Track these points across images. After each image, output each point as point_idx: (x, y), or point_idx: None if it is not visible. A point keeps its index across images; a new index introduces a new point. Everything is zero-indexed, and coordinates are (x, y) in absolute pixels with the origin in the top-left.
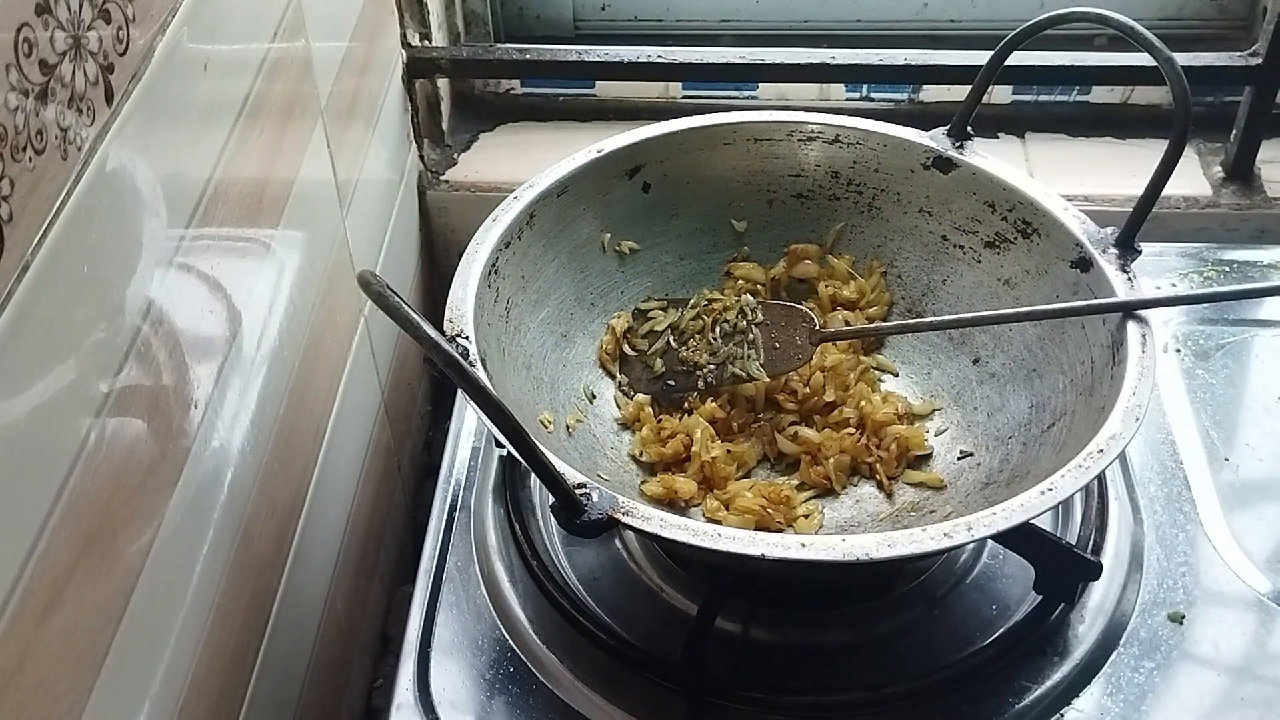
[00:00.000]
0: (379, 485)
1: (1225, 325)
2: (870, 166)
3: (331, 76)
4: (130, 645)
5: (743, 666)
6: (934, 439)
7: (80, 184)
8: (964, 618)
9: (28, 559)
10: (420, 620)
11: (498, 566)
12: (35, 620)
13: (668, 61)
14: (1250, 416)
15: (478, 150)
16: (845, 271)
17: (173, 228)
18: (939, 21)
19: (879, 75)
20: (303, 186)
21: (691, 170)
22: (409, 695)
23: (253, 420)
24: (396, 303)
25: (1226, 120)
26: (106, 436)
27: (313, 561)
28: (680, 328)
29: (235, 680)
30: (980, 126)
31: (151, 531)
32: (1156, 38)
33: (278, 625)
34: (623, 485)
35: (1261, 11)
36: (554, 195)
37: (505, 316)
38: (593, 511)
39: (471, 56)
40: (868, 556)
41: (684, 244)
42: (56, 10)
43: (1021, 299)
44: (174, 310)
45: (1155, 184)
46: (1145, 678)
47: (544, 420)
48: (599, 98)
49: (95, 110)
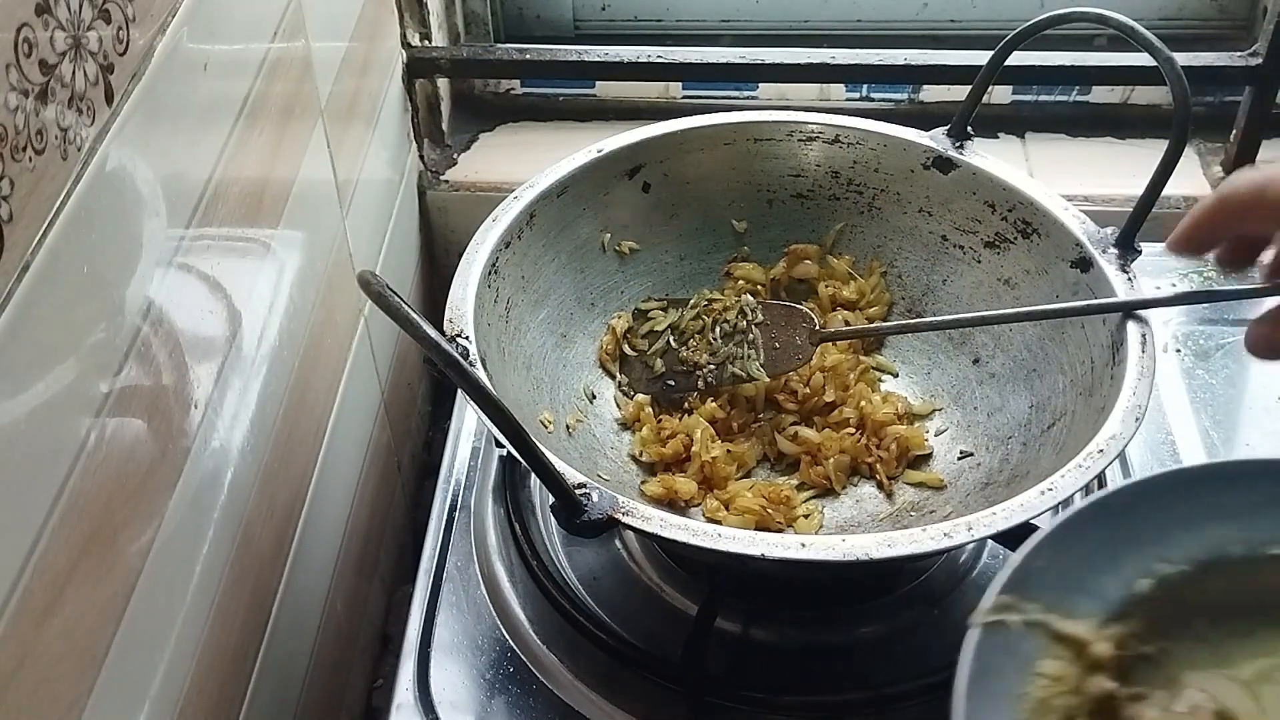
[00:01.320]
0: (379, 485)
1: (1225, 325)
2: (870, 166)
3: (331, 76)
4: (130, 645)
5: (743, 666)
6: (934, 439)
7: (80, 184)
8: (964, 618)
9: (28, 559)
10: (420, 620)
11: (498, 566)
12: (35, 620)
13: (668, 61)
14: (1250, 416)
15: (478, 150)
16: (845, 272)
17: (173, 228)
18: (939, 21)
19: (879, 75)
20: (303, 186)
21: (691, 170)
22: (409, 695)
23: (253, 420)
24: (396, 303)
25: (1226, 120)
26: (106, 436)
27: (313, 561)
28: (680, 328)
29: (235, 680)
30: (980, 126)
31: (151, 531)
32: (1156, 38)
33: (278, 625)
34: (623, 485)
35: (1261, 11)
36: (554, 195)
37: (505, 316)
38: (593, 511)
39: (471, 56)
40: (868, 556)
41: (684, 244)
42: (56, 10)
43: (1021, 299)
44: (174, 310)
45: (1155, 184)
46: None
47: (544, 420)
48: (599, 98)
49: (95, 110)
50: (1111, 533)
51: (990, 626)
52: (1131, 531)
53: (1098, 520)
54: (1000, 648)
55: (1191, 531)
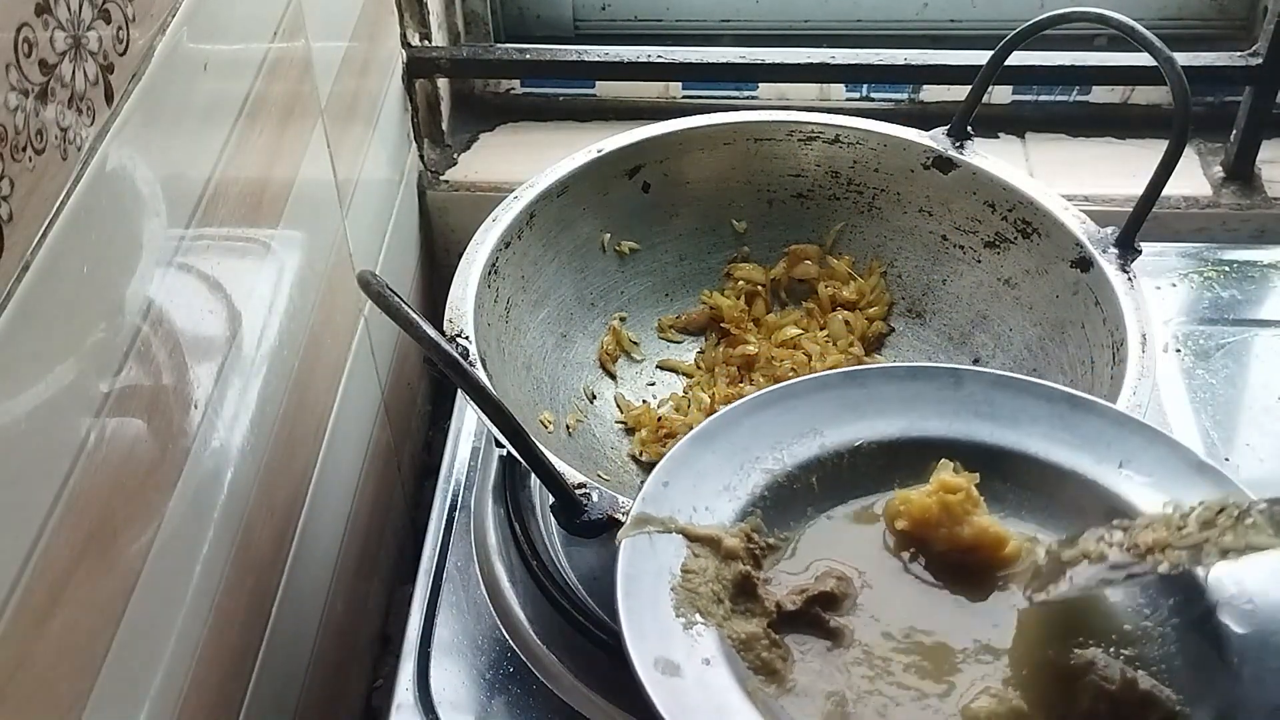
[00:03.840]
0: (379, 485)
1: (1225, 325)
2: (870, 166)
3: (331, 76)
4: (130, 645)
5: None
6: None
7: (80, 184)
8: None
9: (28, 559)
10: (420, 620)
11: (498, 566)
12: (35, 620)
13: (668, 61)
14: (1250, 416)
15: (478, 150)
16: (845, 272)
17: (173, 228)
18: (939, 21)
19: (879, 75)
20: (302, 186)
21: (691, 170)
22: (409, 695)
23: (253, 420)
24: (396, 303)
25: (1226, 120)
26: (106, 436)
27: (313, 561)
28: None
29: (235, 680)
30: (980, 126)
31: (151, 531)
32: (1156, 37)
33: (278, 625)
34: (623, 485)
35: (1262, 11)
36: (554, 195)
37: (505, 316)
38: (593, 511)
39: (471, 56)
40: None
41: (684, 244)
42: (56, 10)
43: (1021, 299)
44: (174, 310)
45: (1155, 184)
46: None
47: (544, 420)
48: (599, 98)
49: (95, 110)
50: (723, 449)
51: (634, 540)
52: (739, 446)
53: (705, 442)
54: (647, 556)
55: (790, 441)
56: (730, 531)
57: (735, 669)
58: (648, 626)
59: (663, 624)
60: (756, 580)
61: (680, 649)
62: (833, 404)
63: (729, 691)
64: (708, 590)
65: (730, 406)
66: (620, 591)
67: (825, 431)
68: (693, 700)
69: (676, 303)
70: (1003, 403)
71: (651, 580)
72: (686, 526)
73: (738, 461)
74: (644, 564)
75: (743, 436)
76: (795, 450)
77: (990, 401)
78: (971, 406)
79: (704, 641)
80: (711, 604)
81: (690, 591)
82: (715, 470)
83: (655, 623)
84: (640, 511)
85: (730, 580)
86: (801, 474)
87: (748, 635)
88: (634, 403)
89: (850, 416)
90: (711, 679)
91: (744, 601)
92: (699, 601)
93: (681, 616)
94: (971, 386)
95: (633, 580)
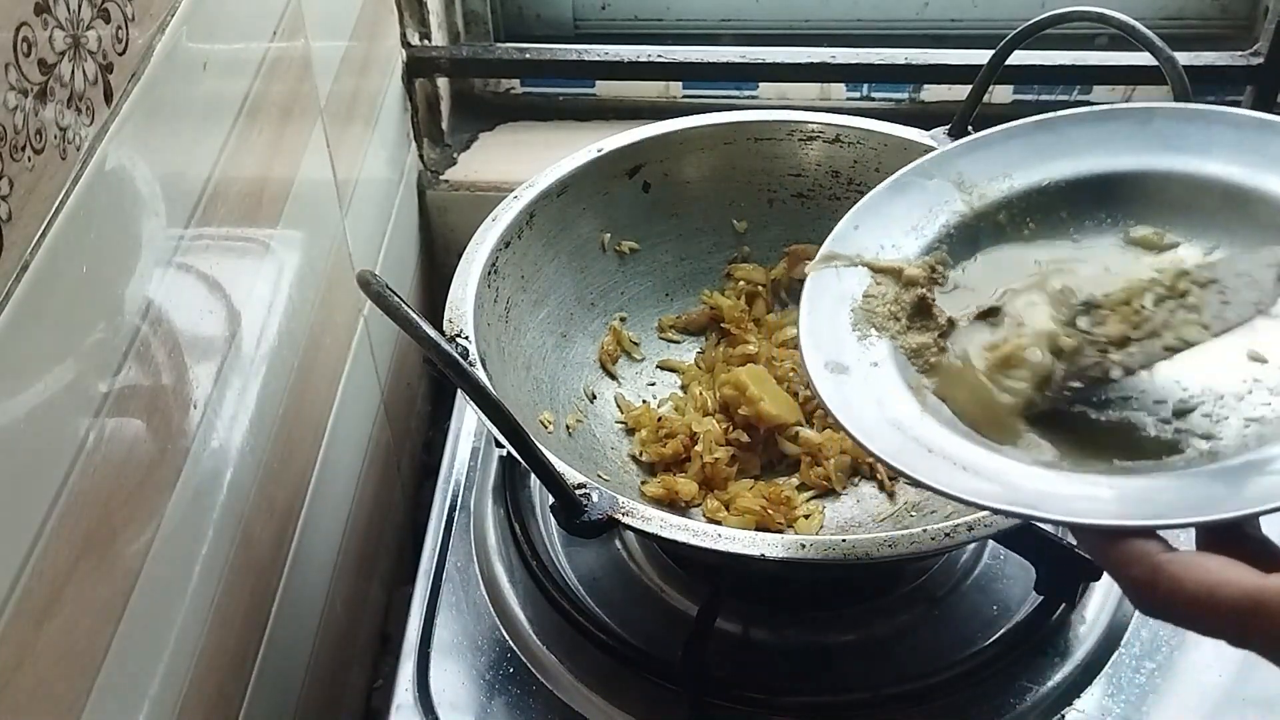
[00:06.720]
0: (378, 485)
1: None
2: (871, 166)
3: (331, 76)
4: (130, 645)
5: (743, 667)
6: None
7: (79, 184)
8: (965, 618)
9: (27, 559)
10: (420, 620)
11: (498, 567)
12: (35, 620)
13: (668, 61)
14: None
15: (478, 150)
16: None
17: (172, 227)
18: (939, 21)
19: (879, 75)
20: (302, 186)
21: (691, 170)
22: (409, 695)
23: (252, 420)
24: (396, 303)
25: None
26: (106, 436)
27: (312, 561)
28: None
29: (234, 680)
30: (981, 126)
31: (151, 532)
32: (1158, 37)
33: (277, 625)
34: (623, 486)
35: (1263, 11)
36: (554, 195)
37: (505, 316)
38: (593, 512)
39: (471, 56)
40: (868, 557)
41: (684, 244)
42: (55, 10)
43: None
44: (173, 310)
45: None
46: (1146, 678)
47: (544, 420)
48: (599, 97)
49: (94, 110)
50: (915, 196)
51: (821, 273)
52: (930, 192)
53: (897, 190)
54: (831, 283)
55: (980, 185)
56: (914, 264)
57: (903, 371)
58: (824, 338)
59: (839, 335)
60: (932, 301)
61: (851, 355)
62: (1022, 149)
63: (891, 385)
64: (885, 310)
65: (923, 159)
66: (802, 311)
67: (1015, 175)
68: (856, 393)
69: (677, 303)
70: (1192, 134)
71: (833, 302)
72: (872, 260)
73: (927, 205)
74: (827, 289)
75: (933, 185)
76: (985, 191)
77: (1181, 135)
78: (1161, 140)
79: (876, 349)
80: (888, 320)
81: (868, 311)
82: (904, 214)
83: (832, 334)
84: (829, 249)
85: (908, 303)
86: (990, 212)
87: (919, 345)
88: (634, 403)
89: (1039, 159)
90: (877, 377)
91: (919, 320)
92: (875, 319)
93: (857, 330)
94: (1160, 122)
95: (814, 301)
